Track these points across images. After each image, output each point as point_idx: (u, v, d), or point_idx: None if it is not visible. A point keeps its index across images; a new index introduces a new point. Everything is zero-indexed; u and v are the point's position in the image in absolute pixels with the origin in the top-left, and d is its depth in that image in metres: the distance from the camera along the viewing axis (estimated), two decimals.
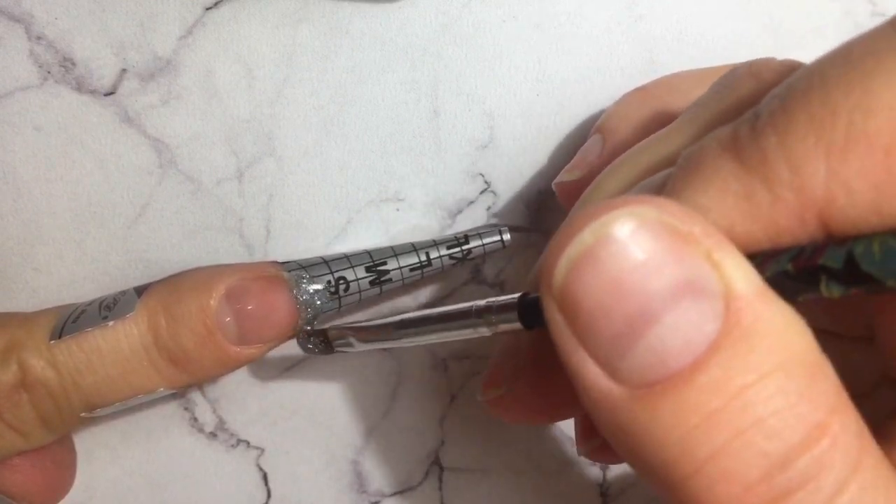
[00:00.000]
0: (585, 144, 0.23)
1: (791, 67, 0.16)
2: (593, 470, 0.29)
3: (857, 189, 0.12)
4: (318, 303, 0.22)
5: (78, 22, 0.22)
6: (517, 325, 0.17)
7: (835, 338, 0.17)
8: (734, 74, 0.17)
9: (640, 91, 0.23)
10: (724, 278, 0.12)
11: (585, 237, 0.12)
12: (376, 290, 0.23)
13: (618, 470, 0.29)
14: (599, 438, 0.21)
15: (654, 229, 0.12)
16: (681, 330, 0.12)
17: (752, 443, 0.12)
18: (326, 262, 0.22)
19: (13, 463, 0.22)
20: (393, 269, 0.23)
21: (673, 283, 0.12)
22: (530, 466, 0.29)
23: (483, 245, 0.24)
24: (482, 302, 0.18)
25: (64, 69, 0.23)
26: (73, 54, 0.23)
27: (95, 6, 0.22)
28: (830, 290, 0.13)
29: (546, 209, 0.26)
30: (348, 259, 0.23)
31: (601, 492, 0.29)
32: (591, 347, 0.12)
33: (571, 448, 0.29)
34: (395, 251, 0.23)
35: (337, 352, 0.22)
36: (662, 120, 0.21)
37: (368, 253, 0.23)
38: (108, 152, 0.23)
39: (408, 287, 0.26)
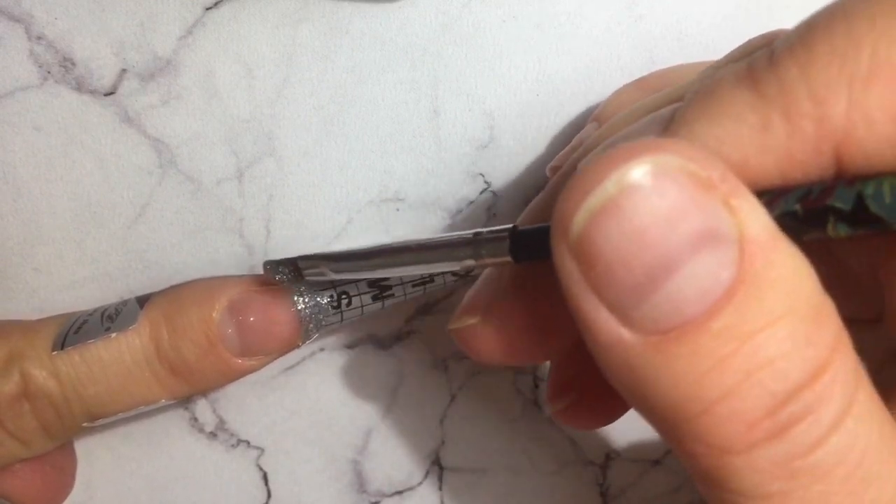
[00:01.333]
0: (582, 132, 0.23)
1: None
2: (593, 470, 0.29)
3: (878, 120, 0.12)
4: (320, 316, 0.22)
5: (78, 22, 0.22)
6: (506, 258, 0.17)
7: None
8: (748, 43, 0.17)
9: (637, 81, 0.23)
10: (739, 224, 0.12)
11: (608, 187, 0.12)
12: (379, 304, 0.23)
13: (618, 470, 0.29)
14: (570, 398, 0.21)
15: (677, 177, 0.12)
16: (698, 278, 0.12)
17: (760, 383, 0.12)
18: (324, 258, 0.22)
19: (13, 468, 0.22)
20: (395, 285, 0.23)
21: (694, 232, 0.12)
22: (530, 466, 0.29)
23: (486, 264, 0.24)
24: (469, 232, 0.17)
25: (64, 69, 0.23)
26: (73, 54, 0.23)
27: (95, 6, 0.22)
28: (837, 231, 0.13)
29: None
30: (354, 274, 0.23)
31: (601, 492, 0.29)
32: (605, 296, 0.12)
33: (571, 448, 0.29)
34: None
35: (307, 280, 0.21)
36: (659, 107, 0.21)
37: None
38: (108, 152, 0.23)
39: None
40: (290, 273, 0.21)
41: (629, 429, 0.29)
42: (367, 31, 0.24)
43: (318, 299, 0.22)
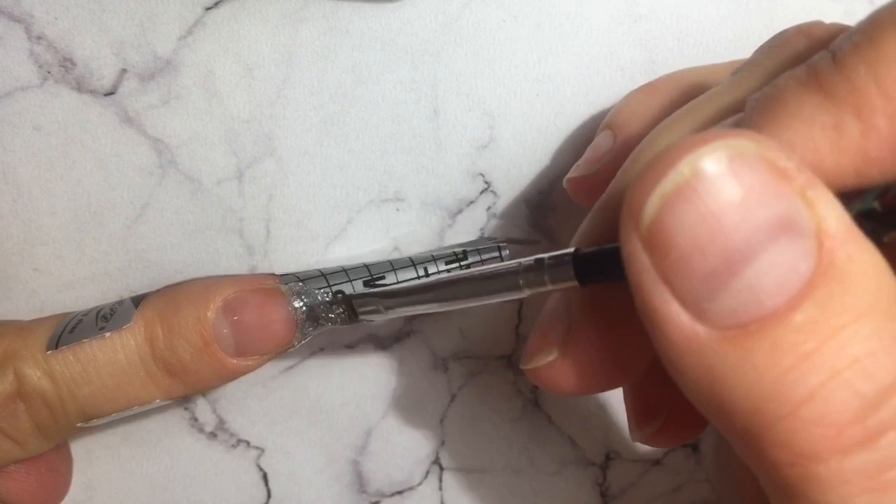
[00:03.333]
0: (594, 141, 0.23)
1: (841, 28, 0.16)
2: (593, 470, 0.29)
3: None
4: (316, 316, 0.22)
5: (78, 22, 0.22)
6: (572, 283, 0.16)
7: None
8: (783, 35, 0.17)
9: (645, 87, 0.23)
10: (816, 216, 0.12)
11: (682, 170, 0.12)
12: None
13: (618, 470, 0.29)
14: (657, 422, 0.21)
15: (753, 163, 0.12)
16: (777, 268, 0.11)
17: (848, 383, 0.11)
18: (324, 276, 0.22)
19: (8, 470, 0.21)
20: (391, 284, 0.23)
21: (771, 220, 0.11)
22: (530, 466, 0.29)
23: (481, 261, 0.24)
24: (529, 259, 0.17)
25: (64, 69, 0.23)
26: (73, 54, 0.23)
27: (95, 6, 0.22)
28: None
29: (547, 209, 0.26)
30: (346, 273, 0.23)
31: (601, 492, 0.29)
32: (680, 288, 0.12)
33: (571, 448, 0.29)
34: (394, 265, 0.23)
35: (362, 320, 0.21)
36: (671, 113, 0.21)
37: (366, 266, 0.23)
38: (108, 152, 0.23)
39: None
40: (343, 314, 0.21)
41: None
42: (367, 31, 0.24)
43: (314, 299, 0.22)
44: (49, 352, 0.20)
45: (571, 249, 0.16)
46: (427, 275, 0.23)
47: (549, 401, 0.28)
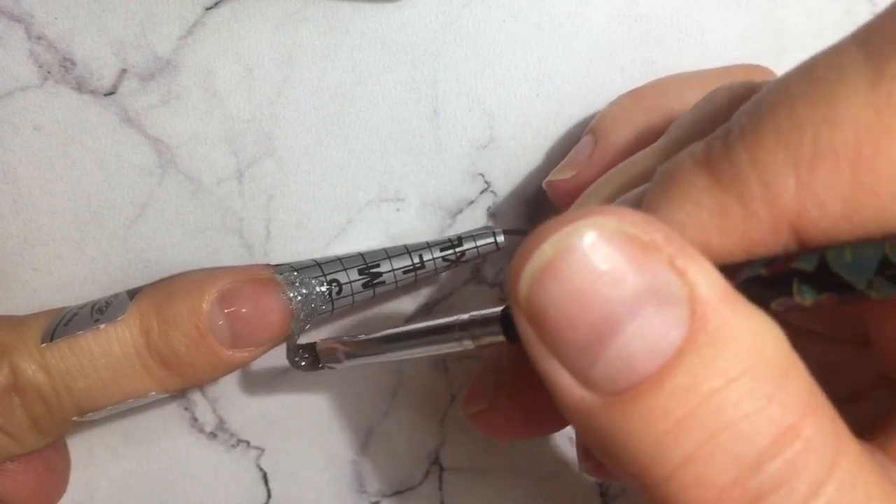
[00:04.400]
0: (577, 145, 0.23)
1: (762, 85, 0.16)
2: None
3: (826, 201, 0.12)
4: (311, 306, 0.22)
5: (78, 22, 0.22)
6: (500, 338, 0.17)
7: (831, 341, 0.17)
8: (714, 91, 0.17)
9: (633, 93, 0.23)
10: (688, 284, 0.12)
11: (546, 250, 0.12)
12: (369, 292, 0.23)
13: None
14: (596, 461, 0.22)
15: (614, 239, 0.12)
16: (646, 337, 0.12)
17: (723, 447, 0.12)
18: (319, 265, 0.22)
19: (5, 468, 0.21)
20: (386, 272, 0.23)
21: (635, 291, 0.12)
22: (530, 466, 0.29)
23: (477, 247, 0.24)
24: (465, 316, 0.18)
25: (64, 69, 0.23)
26: (73, 54, 0.23)
27: (95, 6, 0.22)
28: (803, 295, 0.13)
29: (546, 209, 0.26)
30: (341, 262, 0.23)
31: (601, 492, 0.29)
32: (562, 356, 0.13)
33: (571, 448, 0.29)
34: (388, 253, 0.23)
35: (324, 367, 0.22)
36: (654, 121, 0.22)
37: (361, 255, 0.23)
38: (108, 152, 0.23)
39: (408, 287, 0.26)
40: (308, 359, 0.22)
41: None
42: (367, 31, 0.24)
43: (309, 289, 0.22)
44: (44, 345, 0.20)
45: (499, 309, 0.17)
46: (422, 262, 0.24)
47: None
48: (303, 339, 0.23)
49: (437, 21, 0.24)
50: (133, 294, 0.21)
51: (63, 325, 0.20)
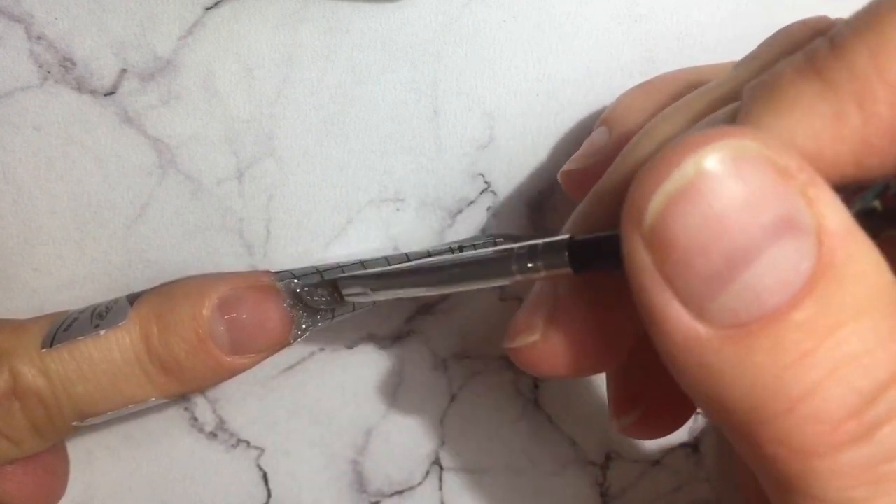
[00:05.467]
0: (591, 136, 0.23)
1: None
2: (593, 470, 0.29)
3: None
4: (312, 313, 0.22)
5: (78, 22, 0.22)
6: (565, 270, 0.16)
7: None
8: (786, 29, 0.17)
9: (643, 85, 0.23)
10: (817, 215, 0.12)
11: (686, 170, 0.12)
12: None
13: (618, 470, 0.29)
14: (637, 413, 0.21)
15: (756, 163, 0.12)
16: (778, 268, 0.11)
17: (846, 380, 0.11)
18: (320, 272, 0.22)
19: (4, 470, 0.21)
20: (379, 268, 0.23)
21: (774, 220, 0.12)
22: (530, 466, 0.29)
23: None
24: (521, 245, 0.17)
25: (64, 69, 0.23)
26: (73, 54, 0.23)
27: (95, 6, 0.22)
28: None
29: (546, 209, 0.26)
30: (342, 269, 0.22)
31: (601, 492, 0.29)
32: (681, 288, 0.12)
33: (571, 448, 0.29)
34: (389, 262, 0.23)
35: (347, 301, 0.21)
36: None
37: (362, 263, 0.23)
38: (108, 152, 0.23)
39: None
40: (329, 294, 0.21)
41: None
42: (367, 31, 0.24)
43: (310, 296, 0.22)
44: (44, 350, 0.20)
45: (566, 236, 0.16)
46: None
47: (549, 401, 0.28)
48: (303, 341, 0.23)
49: (437, 21, 0.24)
50: (133, 299, 0.21)
51: (63, 329, 0.20)
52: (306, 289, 0.21)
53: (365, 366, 0.27)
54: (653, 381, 0.20)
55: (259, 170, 0.24)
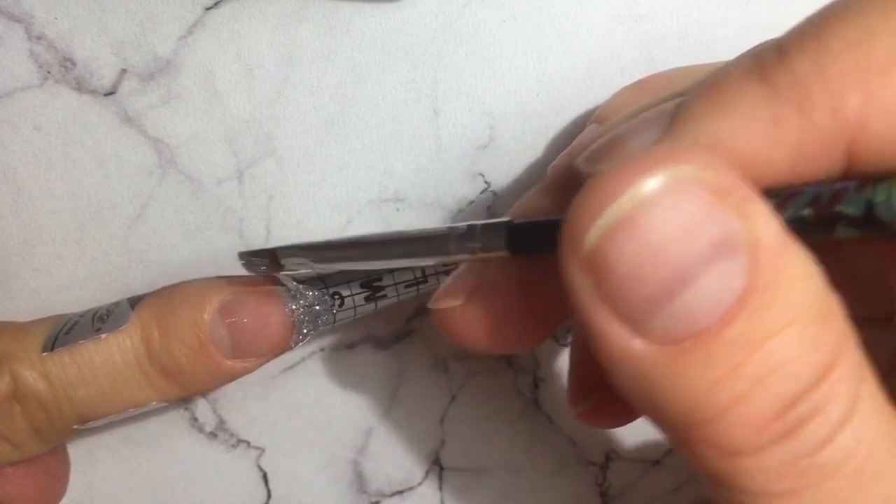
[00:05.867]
0: (582, 133, 0.23)
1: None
2: (593, 470, 0.29)
3: (894, 111, 0.12)
4: (313, 318, 0.22)
5: (78, 22, 0.22)
6: (502, 253, 0.16)
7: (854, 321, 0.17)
8: (756, 47, 0.17)
9: (637, 83, 0.23)
10: (752, 231, 0.12)
11: (624, 203, 0.12)
12: (371, 305, 0.23)
13: (618, 470, 0.29)
14: (593, 400, 0.21)
15: (692, 188, 0.12)
16: (713, 288, 0.12)
17: (771, 387, 0.12)
18: (321, 277, 0.22)
19: (5, 472, 0.21)
20: (388, 286, 0.23)
21: (710, 243, 0.12)
22: (530, 466, 0.29)
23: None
24: (461, 224, 0.17)
25: (64, 69, 0.23)
26: (73, 54, 0.23)
27: (95, 6, 0.22)
28: (847, 234, 0.13)
29: None
30: (343, 274, 0.22)
31: (601, 492, 0.29)
32: (619, 308, 0.12)
33: (571, 448, 0.29)
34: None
35: (286, 271, 0.21)
36: None
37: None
38: (108, 152, 0.23)
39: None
40: (267, 264, 0.21)
41: (629, 429, 0.29)
42: (367, 31, 0.24)
43: (311, 301, 0.22)
44: (45, 353, 0.20)
45: (506, 219, 0.16)
46: (425, 276, 0.23)
47: (549, 401, 0.28)
48: (303, 343, 0.23)
49: (437, 21, 0.24)
50: (134, 302, 0.21)
51: (64, 333, 0.20)
52: (243, 261, 0.21)
53: (365, 366, 0.27)
54: None
55: (259, 170, 0.24)
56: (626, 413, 0.21)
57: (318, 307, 0.22)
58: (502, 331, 0.18)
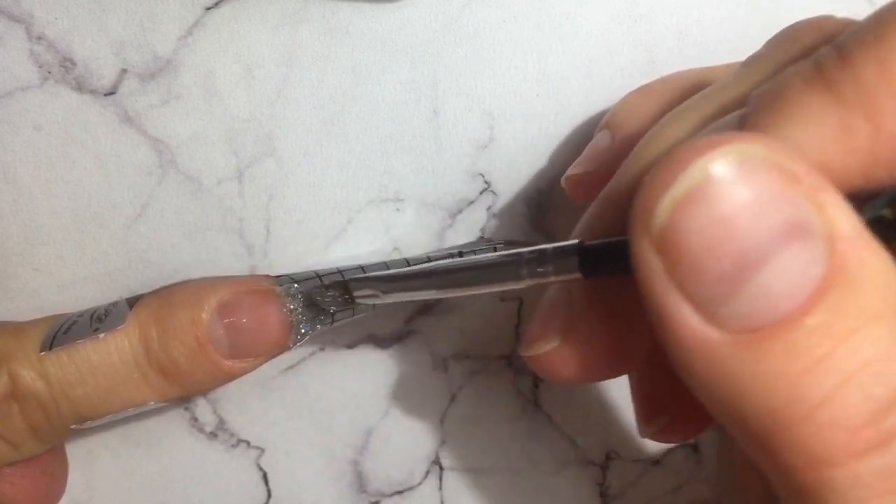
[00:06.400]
0: (593, 141, 0.23)
1: (850, 22, 0.16)
2: (593, 470, 0.29)
3: None
4: (312, 318, 0.22)
5: (78, 22, 0.22)
6: (575, 275, 0.16)
7: None
8: (793, 28, 0.17)
9: (644, 88, 0.23)
10: (827, 220, 0.12)
11: (693, 174, 0.12)
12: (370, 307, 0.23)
13: (618, 470, 0.29)
14: (665, 418, 0.21)
15: (763, 167, 0.12)
16: (789, 272, 0.11)
17: (862, 387, 0.11)
18: (319, 277, 0.22)
19: (3, 472, 0.21)
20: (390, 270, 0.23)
21: (783, 224, 0.11)
22: (530, 466, 0.29)
23: None
24: (531, 250, 0.17)
25: (64, 69, 0.23)
26: (73, 54, 0.23)
27: (95, 6, 0.22)
28: None
29: (546, 209, 0.26)
30: (342, 274, 0.22)
31: (601, 492, 0.29)
32: (692, 292, 0.12)
33: (571, 448, 0.29)
34: (389, 267, 0.23)
35: (359, 304, 0.21)
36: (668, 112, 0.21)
37: (362, 268, 0.23)
38: (108, 152, 0.23)
39: None
40: (340, 295, 0.21)
41: (629, 429, 0.29)
42: (367, 31, 0.24)
43: (309, 300, 0.22)
44: (43, 353, 0.20)
45: (575, 241, 0.16)
46: None
47: (549, 401, 0.28)
48: (302, 344, 0.23)
49: (437, 21, 0.24)
50: (133, 302, 0.21)
51: (62, 332, 0.20)
52: (316, 290, 0.21)
53: (365, 366, 0.27)
54: (676, 386, 0.20)
55: (259, 170, 0.24)
56: (700, 423, 0.21)
57: (327, 303, 0.22)
58: (599, 363, 0.18)
